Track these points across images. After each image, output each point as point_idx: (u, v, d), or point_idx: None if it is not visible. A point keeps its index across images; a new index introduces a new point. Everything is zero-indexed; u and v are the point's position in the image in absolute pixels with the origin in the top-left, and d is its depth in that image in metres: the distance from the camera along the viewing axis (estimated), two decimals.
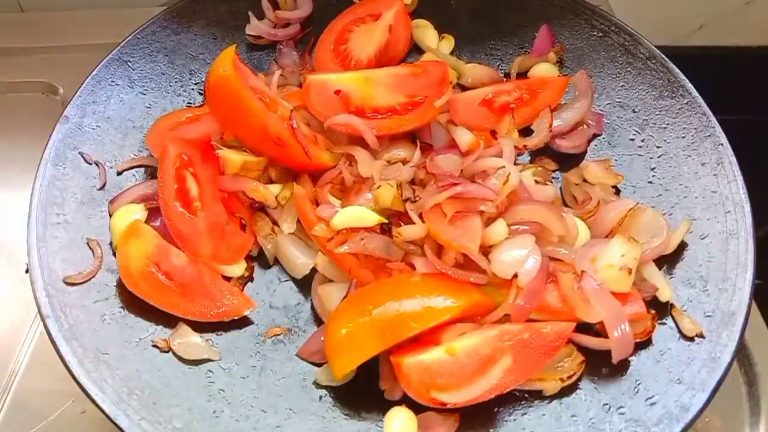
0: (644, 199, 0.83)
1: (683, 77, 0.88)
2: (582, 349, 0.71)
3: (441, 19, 0.99)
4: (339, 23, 0.96)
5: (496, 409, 0.69)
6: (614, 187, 0.85)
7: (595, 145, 0.90)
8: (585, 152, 0.89)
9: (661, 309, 0.74)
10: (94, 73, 0.87)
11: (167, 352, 0.71)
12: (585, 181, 0.85)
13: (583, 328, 0.71)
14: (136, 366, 0.69)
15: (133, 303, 0.73)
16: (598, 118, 0.90)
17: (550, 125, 0.86)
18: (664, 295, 0.74)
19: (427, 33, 0.98)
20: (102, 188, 0.80)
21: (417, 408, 0.68)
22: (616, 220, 0.78)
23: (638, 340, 0.71)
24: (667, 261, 0.78)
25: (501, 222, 0.73)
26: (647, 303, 0.73)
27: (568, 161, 0.88)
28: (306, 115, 0.84)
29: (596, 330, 0.72)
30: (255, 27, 0.96)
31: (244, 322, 0.75)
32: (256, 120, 0.78)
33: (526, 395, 0.70)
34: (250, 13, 0.95)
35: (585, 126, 0.90)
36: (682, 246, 0.78)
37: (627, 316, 0.70)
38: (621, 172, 0.85)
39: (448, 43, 0.98)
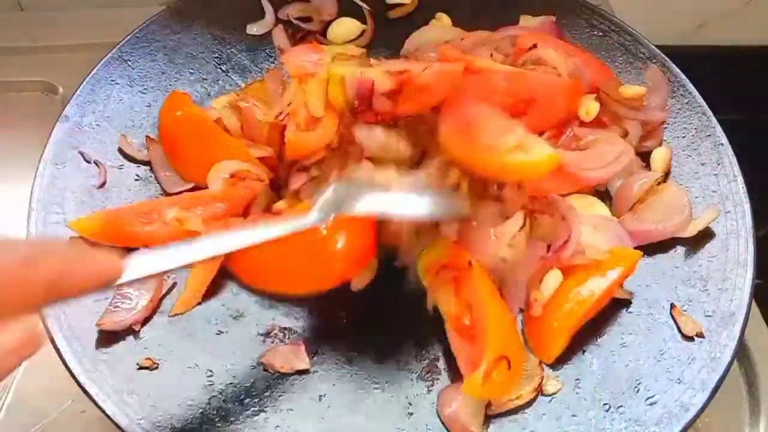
0: None
1: (683, 77, 0.88)
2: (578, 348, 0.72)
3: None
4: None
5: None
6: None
7: None
8: None
9: (661, 309, 0.75)
10: (93, 72, 0.86)
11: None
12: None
13: None
14: (136, 365, 0.69)
15: None
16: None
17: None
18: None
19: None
20: (101, 187, 0.80)
21: None
22: (641, 193, 0.79)
23: None
24: (668, 260, 0.78)
25: None
26: None
27: None
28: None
29: None
30: (255, 25, 0.96)
31: (244, 321, 0.75)
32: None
33: None
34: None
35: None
36: (686, 244, 0.78)
37: None
38: None
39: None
